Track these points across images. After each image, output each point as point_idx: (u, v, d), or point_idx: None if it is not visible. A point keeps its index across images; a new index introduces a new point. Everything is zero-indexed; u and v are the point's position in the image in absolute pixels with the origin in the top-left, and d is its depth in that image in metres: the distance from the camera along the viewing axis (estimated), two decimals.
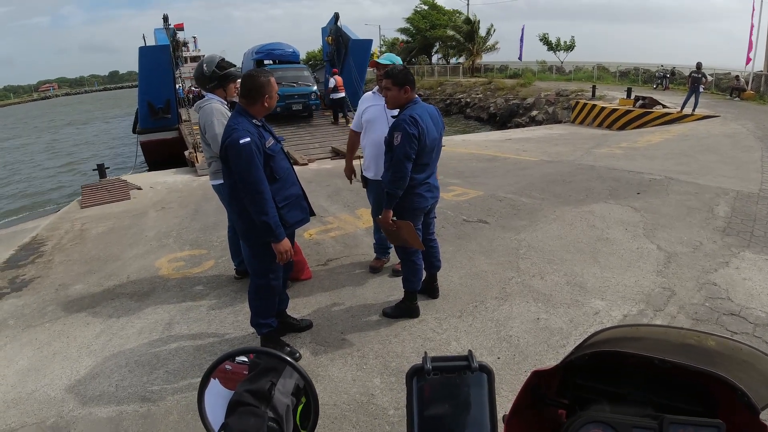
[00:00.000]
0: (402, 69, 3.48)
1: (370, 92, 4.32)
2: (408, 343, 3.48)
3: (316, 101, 16.57)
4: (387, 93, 3.47)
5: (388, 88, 3.45)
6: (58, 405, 3.04)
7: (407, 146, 3.28)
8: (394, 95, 3.44)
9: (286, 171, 3.20)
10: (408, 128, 3.28)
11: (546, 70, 34.25)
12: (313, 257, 5.07)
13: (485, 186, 7.72)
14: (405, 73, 3.43)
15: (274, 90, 3.04)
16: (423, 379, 0.68)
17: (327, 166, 10.44)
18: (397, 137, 3.28)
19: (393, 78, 3.41)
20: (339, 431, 2.67)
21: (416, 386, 0.69)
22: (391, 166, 3.36)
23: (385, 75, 3.48)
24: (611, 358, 0.89)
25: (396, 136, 3.29)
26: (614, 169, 8.46)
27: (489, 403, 0.67)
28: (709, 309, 3.73)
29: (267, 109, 3.05)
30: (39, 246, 6.30)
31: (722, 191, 6.69)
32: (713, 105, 17.75)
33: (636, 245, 4.94)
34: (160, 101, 14.40)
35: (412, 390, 0.68)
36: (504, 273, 4.50)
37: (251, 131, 2.90)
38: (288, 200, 3.19)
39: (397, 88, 3.41)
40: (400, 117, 3.36)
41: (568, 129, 16.84)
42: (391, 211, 3.47)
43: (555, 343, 3.37)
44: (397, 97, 3.44)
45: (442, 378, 0.68)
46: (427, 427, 0.67)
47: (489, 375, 0.68)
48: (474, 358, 0.68)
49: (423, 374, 0.68)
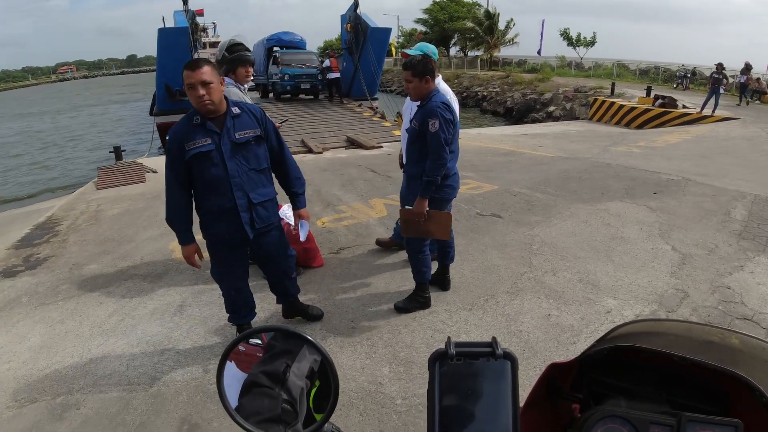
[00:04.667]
0: (421, 59, 3.41)
1: None
2: (418, 333, 3.49)
3: (322, 82, 17.68)
4: (408, 85, 3.42)
5: (408, 80, 3.39)
6: (68, 382, 3.09)
7: (446, 132, 3.28)
8: (415, 87, 3.39)
9: (213, 180, 2.77)
10: (444, 114, 3.26)
11: (565, 66, 33.86)
12: (325, 245, 5.08)
13: (500, 180, 7.67)
14: (424, 63, 3.37)
15: (189, 81, 2.57)
16: (446, 364, 0.67)
17: (341, 155, 10.43)
18: (434, 124, 3.24)
19: (413, 69, 3.36)
20: (346, 418, 2.68)
21: (438, 371, 0.67)
22: (431, 153, 3.31)
23: (404, 66, 3.43)
24: (630, 353, 0.88)
25: (432, 123, 3.25)
26: (631, 168, 8.36)
27: (512, 391, 0.66)
28: (722, 312, 3.69)
29: (196, 103, 2.64)
30: (54, 225, 6.38)
31: (740, 194, 6.59)
32: (733, 107, 17.47)
33: (651, 245, 4.90)
34: (177, 83, 14.35)
35: (435, 375, 0.67)
36: (516, 268, 4.48)
37: (177, 131, 2.72)
38: (210, 212, 2.88)
39: (417, 80, 3.35)
40: (433, 104, 3.29)
41: (586, 126, 16.67)
42: (426, 201, 3.42)
43: (565, 340, 3.35)
44: (419, 88, 3.39)
45: (465, 364, 0.67)
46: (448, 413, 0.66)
47: (513, 363, 0.66)
48: (498, 344, 0.67)
49: (446, 359, 0.67)
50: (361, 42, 16.84)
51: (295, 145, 11.25)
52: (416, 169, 3.49)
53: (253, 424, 0.74)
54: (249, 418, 0.75)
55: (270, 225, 3.07)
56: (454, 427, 0.66)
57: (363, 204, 6.57)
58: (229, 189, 2.81)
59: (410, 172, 3.64)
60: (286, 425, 0.77)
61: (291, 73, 17.30)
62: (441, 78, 4.20)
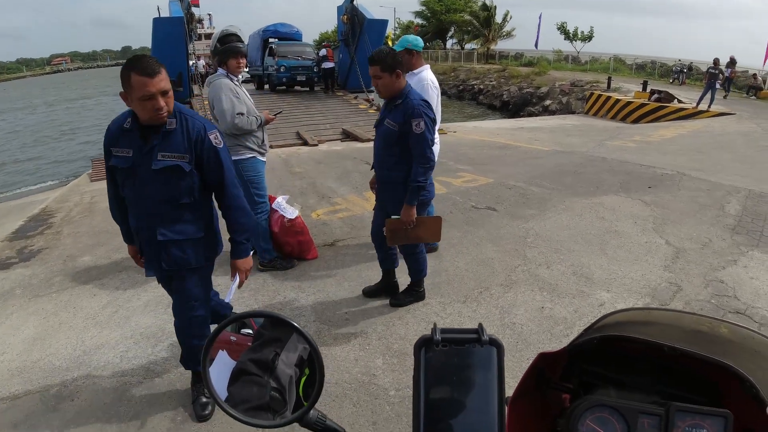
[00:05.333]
0: (389, 51, 3.10)
1: None
2: (411, 326, 3.50)
3: (318, 74, 17.97)
4: (377, 81, 3.10)
5: (377, 76, 3.06)
6: (62, 374, 3.08)
7: (431, 132, 3.10)
8: (386, 83, 3.09)
9: (127, 197, 2.36)
10: (428, 113, 3.07)
11: (562, 60, 33.83)
12: (320, 237, 5.08)
13: (495, 173, 7.67)
14: (393, 56, 3.06)
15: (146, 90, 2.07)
16: (431, 350, 0.67)
17: (337, 148, 10.40)
18: (419, 124, 3.01)
19: (381, 63, 3.02)
20: (340, 409, 2.69)
21: (424, 357, 0.67)
22: (418, 156, 3.09)
23: (371, 61, 3.07)
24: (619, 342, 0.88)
25: (416, 123, 3.02)
26: (626, 162, 8.38)
27: (498, 377, 0.66)
28: (715, 306, 3.71)
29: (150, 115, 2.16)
30: (48, 217, 6.35)
31: (734, 189, 6.61)
32: (729, 102, 17.50)
33: (645, 239, 4.91)
34: (172, 74, 14.18)
35: (420, 361, 0.67)
36: (510, 261, 4.49)
37: (110, 129, 2.32)
38: (131, 228, 2.49)
39: (387, 75, 3.04)
40: (414, 102, 3.05)
41: (582, 120, 16.68)
42: (414, 207, 3.20)
43: (558, 332, 3.37)
44: (390, 85, 3.09)
45: (451, 350, 0.67)
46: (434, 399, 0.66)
47: (499, 349, 0.67)
48: (484, 331, 0.66)
49: (431, 345, 0.67)
50: (358, 33, 16.76)
51: (291, 138, 11.21)
52: (394, 173, 3.25)
53: (241, 411, 0.74)
54: (237, 406, 0.75)
55: (183, 269, 2.45)
56: (440, 414, 0.66)
57: (358, 196, 6.56)
58: (141, 212, 2.36)
59: (388, 178, 3.33)
60: (275, 413, 0.77)
61: (287, 64, 17.36)
62: (428, 67, 4.18)
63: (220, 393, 0.78)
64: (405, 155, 3.16)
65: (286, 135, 11.38)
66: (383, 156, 3.29)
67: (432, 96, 3.95)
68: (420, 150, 3.08)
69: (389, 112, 3.15)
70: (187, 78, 14.86)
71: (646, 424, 0.79)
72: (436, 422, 0.65)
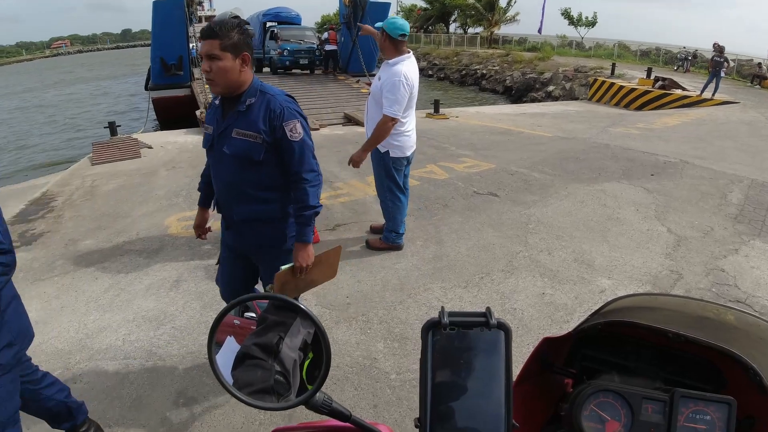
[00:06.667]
0: (238, 22, 2.07)
1: None
2: (412, 310, 3.51)
3: (320, 57, 18.18)
4: (212, 65, 2.02)
5: (213, 57, 2.01)
6: (65, 357, 3.09)
7: (310, 136, 2.29)
8: (226, 69, 2.04)
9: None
10: (299, 110, 2.25)
11: (565, 45, 33.58)
12: (321, 221, 5.07)
13: (497, 159, 7.65)
14: (242, 29, 2.06)
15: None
16: (439, 333, 0.67)
17: (339, 132, 10.37)
18: (294, 128, 2.16)
19: (222, 38, 2.00)
20: (341, 392, 2.71)
21: (432, 340, 0.67)
22: (307, 171, 2.24)
23: (206, 33, 2.02)
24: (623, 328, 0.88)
25: (290, 127, 2.15)
26: (629, 149, 8.35)
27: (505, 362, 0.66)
28: (716, 295, 3.72)
29: None
30: (49, 201, 6.34)
31: (737, 178, 6.59)
32: (733, 91, 17.38)
33: (646, 226, 4.91)
34: (172, 57, 14.21)
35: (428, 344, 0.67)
36: (512, 246, 4.49)
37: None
38: None
39: (230, 56, 2.03)
40: (279, 99, 2.17)
41: (585, 106, 16.57)
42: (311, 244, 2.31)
43: (559, 318, 3.38)
44: (232, 73, 2.07)
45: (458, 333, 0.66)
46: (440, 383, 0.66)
47: (507, 333, 0.66)
48: (492, 314, 0.66)
49: (439, 328, 0.66)
50: (360, 16, 16.58)
51: None
52: (263, 207, 2.33)
53: (246, 394, 0.74)
54: (242, 389, 0.75)
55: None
56: (447, 397, 0.66)
57: (359, 181, 6.54)
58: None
59: (253, 215, 2.35)
60: (279, 396, 0.77)
61: (290, 48, 17.52)
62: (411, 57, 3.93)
63: (225, 376, 0.78)
64: (275, 177, 2.28)
65: None
66: (240, 185, 2.26)
67: (401, 97, 3.77)
68: (305, 163, 2.24)
69: (236, 119, 2.16)
70: (188, 61, 14.75)
71: (650, 410, 0.79)
72: (442, 405, 0.65)
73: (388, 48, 3.86)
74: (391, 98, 3.76)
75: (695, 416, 0.77)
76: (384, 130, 3.85)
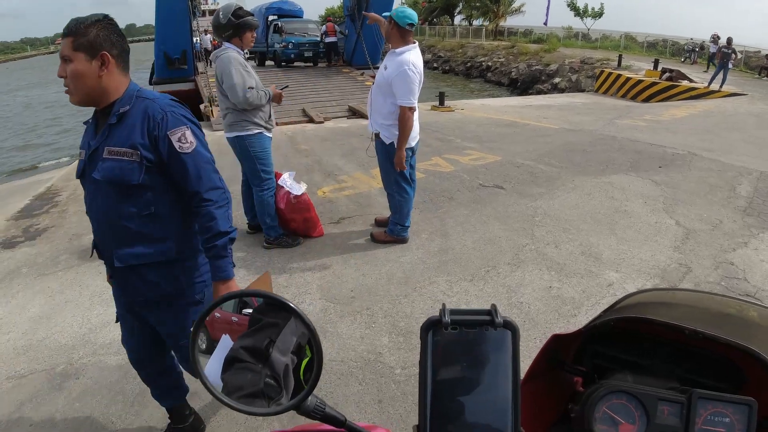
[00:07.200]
0: (95, 20, 1.65)
1: None
2: (417, 303, 3.47)
3: (323, 49, 18.34)
4: (66, 69, 1.63)
5: (66, 59, 1.63)
6: (68, 352, 3.08)
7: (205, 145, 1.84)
8: (82, 74, 1.63)
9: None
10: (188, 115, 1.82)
11: (571, 37, 33.31)
12: (325, 215, 5.04)
13: (503, 151, 7.59)
14: (103, 25, 1.66)
15: None
16: (440, 333, 0.62)
17: (343, 125, 10.31)
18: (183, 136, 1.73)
19: (75, 35, 1.62)
20: (345, 387, 2.68)
21: (432, 341, 0.62)
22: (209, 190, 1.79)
23: (64, 32, 1.64)
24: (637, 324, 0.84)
25: (178, 137, 1.71)
26: (636, 141, 8.26)
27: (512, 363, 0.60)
28: (725, 288, 3.66)
29: None
30: (54, 196, 6.33)
31: (745, 170, 6.51)
32: (741, 83, 17.20)
33: (654, 219, 4.85)
34: (176, 51, 14.22)
35: (428, 344, 0.62)
36: (518, 239, 4.45)
37: None
38: None
39: (84, 57, 1.62)
40: (160, 104, 1.74)
41: (591, 98, 16.45)
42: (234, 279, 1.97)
43: (566, 312, 3.33)
44: (90, 78, 1.64)
45: (461, 333, 0.61)
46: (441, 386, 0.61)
47: (514, 333, 0.61)
48: (498, 312, 0.61)
49: (440, 327, 0.61)
50: (364, 8, 16.48)
51: (297, 115, 11.12)
52: (151, 247, 1.83)
53: (235, 398, 0.70)
54: (231, 394, 0.72)
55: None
56: (448, 403, 0.61)
57: (364, 174, 6.50)
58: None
59: (141, 258, 1.84)
60: (270, 400, 0.73)
61: (295, 41, 17.70)
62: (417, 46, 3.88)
63: (215, 379, 0.75)
64: (164, 205, 1.81)
65: (292, 112, 11.28)
66: (118, 220, 1.78)
67: (413, 85, 3.76)
68: (204, 180, 1.79)
69: (106, 135, 1.72)
70: (192, 55, 14.73)
71: (666, 412, 0.75)
72: (444, 411, 0.61)
73: (395, 37, 3.81)
74: (405, 88, 3.74)
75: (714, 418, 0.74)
76: (408, 121, 3.84)
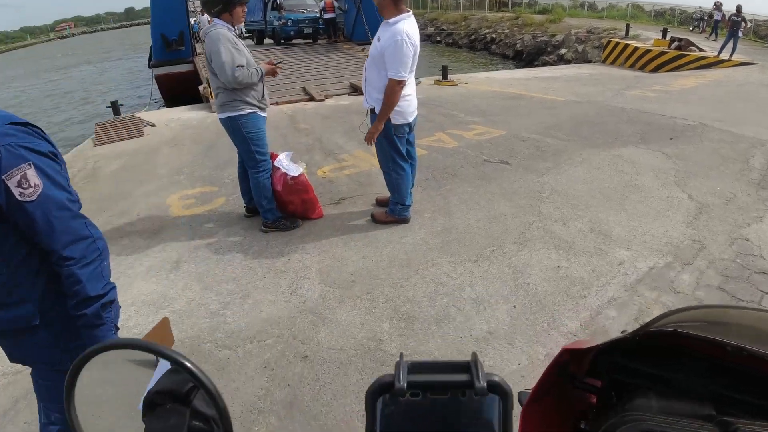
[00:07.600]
0: None
1: None
2: (420, 287, 3.35)
3: (322, 26, 18.08)
4: None
5: None
6: None
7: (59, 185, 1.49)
8: None
9: None
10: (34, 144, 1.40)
11: (577, 6, 32.55)
12: (325, 195, 4.91)
13: (508, 125, 7.39)
14: None
15: None
16: (394, 401, 0.45)
17: (344, 102, 10.10)
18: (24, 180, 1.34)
19: None
20: (344, 377, 2.58)
21: (381, 413, 0.46)
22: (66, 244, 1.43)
23: None
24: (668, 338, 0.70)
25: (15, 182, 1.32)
26: (646, 113, 8.02)
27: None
28: (740, 266, 3.51)
29: None
30: None
31: (758, 142, 6.27)
32: (751, 52, 16.73)
33: (666, 193, 4.68)
34: (173, 33, 14.03)
35: (375, 418, 0.46)
36: (524, 217, 4.30)
37: None
38: None
39: None
40: None
41: (599, 69, 16.06)
42: None
43: (575, 293, 3.20)
44: None
45: (424, 400, 0.45)
46: None
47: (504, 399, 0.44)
48: (481, 369, 0.44)
49: (395, 394, 0.45)
50: None
51: (297, 93, 10.93)
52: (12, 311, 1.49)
53: None
54: None
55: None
56: None
57: (365, 152, 6.33)
58: None
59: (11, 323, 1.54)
60: None
61: (294, 18, 17.47)
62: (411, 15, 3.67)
63: None
64: (17, 261, 1.45)
65: (292, 91, 11.08)
66: None
67: (406, 58, 3.56)
68: (58, 233, 1.42)
69: None
70: (189, 36, 14.53)
71: None
72: None
73: (388, 6, 3.58)
74: (396, 60, 3.54)
75: None
76: (393, 95, 3.64)
